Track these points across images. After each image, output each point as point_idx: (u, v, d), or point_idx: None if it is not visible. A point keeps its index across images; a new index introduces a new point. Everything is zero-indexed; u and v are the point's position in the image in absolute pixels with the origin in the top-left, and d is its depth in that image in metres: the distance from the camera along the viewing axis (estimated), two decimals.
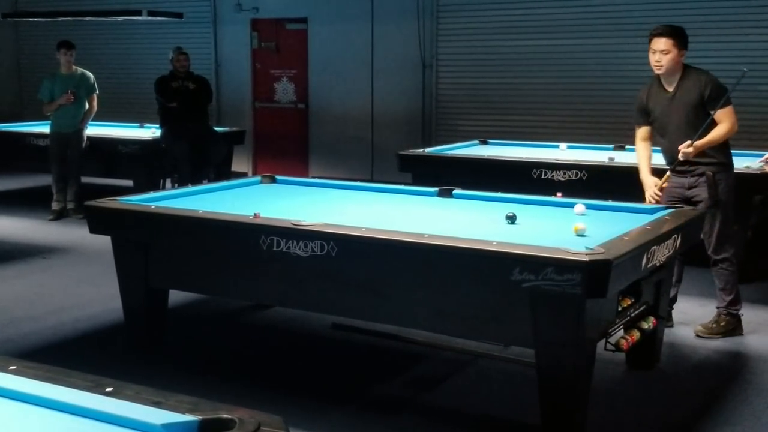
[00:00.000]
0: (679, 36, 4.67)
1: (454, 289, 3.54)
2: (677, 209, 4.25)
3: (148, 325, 4.48)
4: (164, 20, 10.60)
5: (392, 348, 4.51)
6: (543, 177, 6.29)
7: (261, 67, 11.06)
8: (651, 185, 4.79)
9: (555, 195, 4.75)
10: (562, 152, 7.17)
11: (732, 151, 4.99)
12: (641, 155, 4.95)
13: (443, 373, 4.26)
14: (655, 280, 3.98)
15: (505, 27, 9.49)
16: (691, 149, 4.57)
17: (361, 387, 4.11)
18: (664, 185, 4.76)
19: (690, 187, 4.72)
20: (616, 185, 5.86)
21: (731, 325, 4.80)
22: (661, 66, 4.66)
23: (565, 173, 6.23)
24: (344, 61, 10.43)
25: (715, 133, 4.61)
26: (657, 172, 4.91)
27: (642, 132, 4.97)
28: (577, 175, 6.19)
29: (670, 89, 4.73)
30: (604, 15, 8.96)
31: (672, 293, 4.75)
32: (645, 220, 4.02)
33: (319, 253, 3.71)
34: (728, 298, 4.80)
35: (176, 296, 4.84)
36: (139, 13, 9.74)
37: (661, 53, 4.63)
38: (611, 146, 7.40)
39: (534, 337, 3.38)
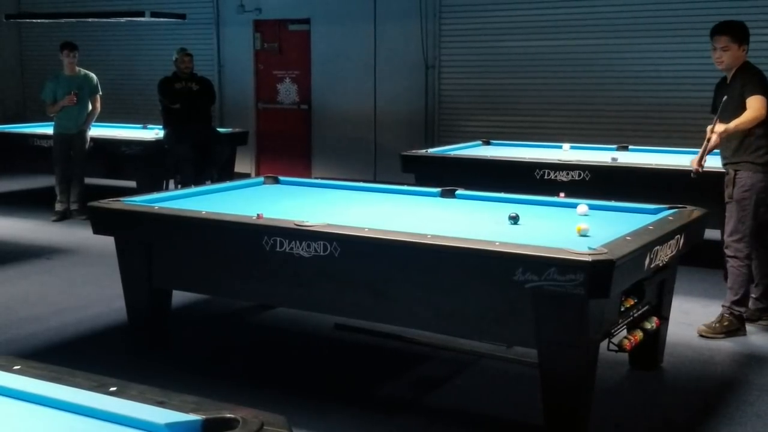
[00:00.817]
0: (737, 32, 4.76)
1: (457, 289, 3.54)
2: (680, 209, 4.24)
3: (152, 326, 4.49)
4: (167, 21, 10.61)
5: (395, 348, 4.51)
6: (546, 177, 6.29)
7: (264, 68, 11.07)
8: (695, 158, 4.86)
9: (558, 195, 4.75)
10: (565, 153, 7.16)
11: None
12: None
13: (446, 373, 4.26)
14: (658, 280, 3.98)
15: (508, 28, 9.49)
16: (715, 135, 4.63)
17: (364, 387, 4.11)
18: (700, 160, 4.78)
19: (726, 186, 4.84)
20: (619, 185, 5.87)
21: (734, 326, 4.80)
22: (722, 62, 4.78)
23: (568, 174, 6.23)
24: (347, 61, 10.44)
25: (740, 118, 4.64)
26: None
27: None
28: (580, 175, 6.18)
29: (728, 82, 4.86)
30: (608, 15, 8.96)
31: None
32: (648, 220, 4.02)
33: (322, 253, 3.71)
34: (733, 298, 4.80)
35: (179, 297, 4.85)
36: (142, 14, 9.75)
37: (721, 50, 4.75)
38: (614, 146, 7.40)
39: (537, 338, 3.38)
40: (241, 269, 4.12)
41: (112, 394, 1.91)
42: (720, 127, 4.64)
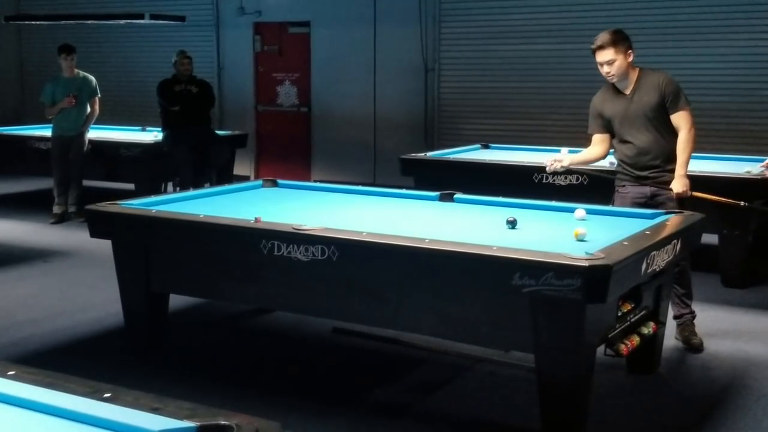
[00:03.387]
0: (618, 41, 4.61)
1: (454, 293, 3.54)
2: (677, 214, 4.24)
3: (149, 330, 4.48)
4: (167, 24, 10.61)
5: (393, 352, 4.51)
6: (544, 182, 6.28)
7: (263, 70, 11.08)
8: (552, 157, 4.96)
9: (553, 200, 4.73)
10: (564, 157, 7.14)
11: (733, 156, 4.98)
12: (585, 151, 5.03)
13: (444, 377, 4.25)
14: (655, 285, 3.98)
15: (508, 31, 9.50)
16: (687, 192, 4.54)
17: (362, 392, 4.11)
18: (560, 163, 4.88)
19: (654, 195, 4.65)
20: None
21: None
22: (613, 75, 4.61)
23: (566, 178, 6.23)
24: (347, 64, 10.44)
25: (686, 146, 4.54)
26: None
27: (594, 140, 4.91)
28: (578, 179, 6.18)
29: (627, 92, 4.68)
30: (607, 20, 8.93)
31: None
32: (645, 225, 4.02)
33: (320, 257, 3.71)
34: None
35: (176, 300, 4.85)
36: (141, 16, 9.75)
37: (607, 64, 4.59)
38: (612, 151, 7.38)
39: (534, 342, 3.38)
40: (239, 273, 4.12)
41: (106, 400, 1.91)
42: (681, 182, 4.52)
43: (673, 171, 4.59)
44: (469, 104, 9.85)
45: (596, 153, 4.95)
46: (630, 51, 4.62)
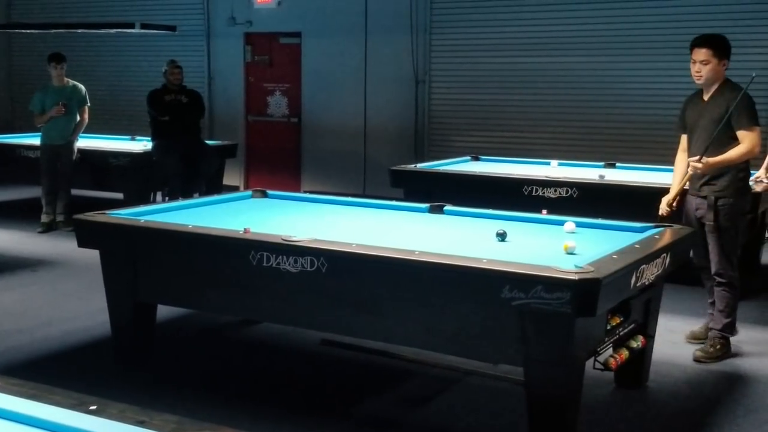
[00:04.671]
0: (719, 46, 4.60)
1: (444, 306, 3.53)
2: (666, 228, 4.25)
3: (136, 340, 4.45)
4: (157, 33, 10.61)
5: (382, 364, 4.49)
6: (534, 194, 6.30)
7: (254, 80, 11.08)
8: (664, 201, 4.81)
9: (541, 212, 4.74)
10: (553, 169, 7.18)
11: None
12: (675, 167, 4.94)
13: (432, 390, 4.24)
14: (645, 298, 3.98)
15: (498, 44, 9.53)
16: (700, 165, 4.50)
17: (350, 404, 4.09)
18: (673, 202, 4.77)
19: (697, 208, 4.71)
20: (606, 203, 5.88)
21: (726, 350, 4.77)
22: (701, 76, 4.61)
23: (555, 190, 6.25)
24: (337, 75, 10.45)
25: (731, 153, 4.51)
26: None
27: (681, 141, 4.91)
28: (567, 192, 6.20)
29: (705, 99, 4.69)
30: (597, 33, 9.01)
31: None
32: (635, 238, 4.02)
33: (309, 269, 3.70)
34: (725, 321, 4.74)
35: (164, 311, 4.82)
36: (131, 25, 9.75)
37: (701, 63, 4.59)
38: (602, 164, 7.42)
39: (523, 356, 3.37)
40: (228, 284, 4.10)
41: (91, 413, 1.89)
42: (712, 160, 4.48)
43: (710, 186, 4.62)
44: (459, 116, 9.88)
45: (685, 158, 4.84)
46: (726, 61, 4.60)
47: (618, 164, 7.41)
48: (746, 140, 4.53)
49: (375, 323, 3.75)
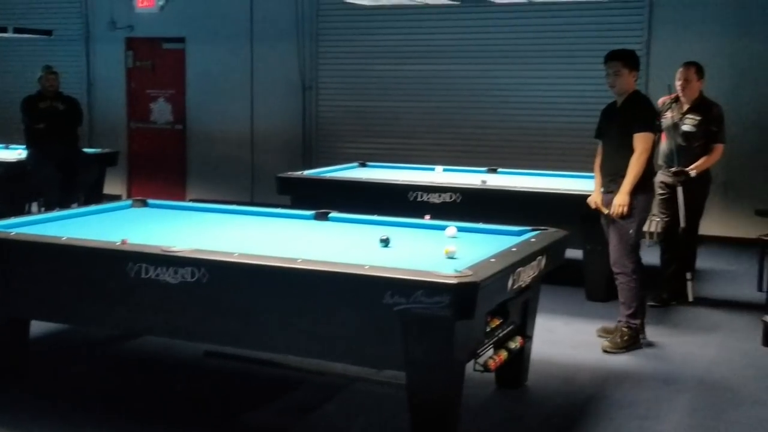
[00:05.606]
0: (628, 59, 5.05)
1: (328, 313, 3.54)
2: (542, 231, 4.40)
3: (8, 358, 4.27)
4: (32, 38, 10.21)
5: (267, 374, 4.46)
6: (419, 199, 6.38)
7: (136, 86, 10.82)
8: (590, 200, 5.29)
9: (424, 218, 4.82)
10: (438, 175, 7.30)
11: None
12: (595, 169, 5.33)
13: (318, 398, 4.24)
14: (522, 300, 4.10)
15: (384, 51, 9.65)
16: (620, 207, 4.94)
17: (236, 415, 4.04)
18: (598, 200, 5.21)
19: (608, 205, 5.06)
20: (488, 207, 6.02)
21: (632, 339, 5.04)
22: (614, 86, 5.06)
23: (440, 195, 6.35)
24: (223, 81, 10.34)
25: (633, 171, 4.94)
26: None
27: (599, 147, 5.31)
28: (451, 197, 6.31)
29: (618, 106, 5.14)
30: (477, 41, 9.24)
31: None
32: (512, 242, 4.14)
33: (189, 279, 3.64)
34: (627, 312, 5.05)
35: (38, 327, 4.65)
36: (4, 29, 9.33)
37: (613, 74, 5.02)
38: (485, 169, 7.60)
39: (405, 360, 3.41)
40: (106, 297, 3.98)
41: None
42: (620, 197, 4.93)
43: (617, 186, 5.02)
44: (347, 122, 9.93)
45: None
46: (635, 72, 5.07)
47: (500, 169, 7.61)
48: (639, 145, 4.95)
49: (259, 333, 3.72)
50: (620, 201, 4.94)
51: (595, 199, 5.23)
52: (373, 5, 8.11)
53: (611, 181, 5.11)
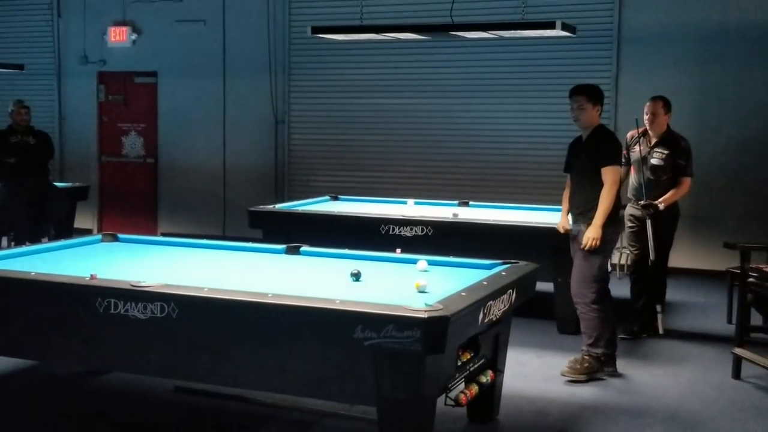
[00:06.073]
0: (592, 93, 5.15)
1: (298, 348, 3.53)
2: (512, 264, 4.42)
3: None
4: (4, 72, 10.17)
5: (238, 410, 4.42)
6: (391, 233, 6.39)
7: (108, 120, 10.80)
8: (559, 225, 5.46)
9: (395, 251, 4.84)
10: (410, 208, 7.33)
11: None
12: (563, 200, 5.46)
13: None
14: (493, 334, 4.11)
15: (356, 85, 9.72)
16: (590, 240, 5.00)
17: None
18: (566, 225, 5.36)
19: (577, 239, 5.15)
20: (459, 241, 6.06)
21: (594, 367, 5.06)
22: (578, 120, 5.14)
23: (411, 229, 6.37)
24: (195, 115, 10.35)
25: (603, 207, 5.01)
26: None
27: (568, 179, 5.40)
28: (423, 230, 6.33)
29: (583, 140, 5.22)
30: (448, 76, 9.34)
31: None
32: (483, 275, 4.16)
33: (159, 314, 3.61)
34: (588, 341, 5.10)
35: (5, 363, 4.58)
36: None
37: (577, 109, 5.11)
38: (456, 202, 7.64)
39: (376, 395, 3.40)
40: (74, 333, 3.94)
41: None
42: (592, 231, 4.99)
43: (585, 219, 5.12)
44: (319, 156, 9.96)
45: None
46: (599, 106, 5.16)
47: (472, 203, 7.66)
48: (608, 178, 5.05)
49: (230, 368, 3.69)
50: (593, 234, 5.00)
51: (563, 224, 5.36)
52: (344, 40, 8.19)
53: (580, 214, 5.19)
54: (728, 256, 6.37)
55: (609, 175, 5.04)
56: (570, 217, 5.39)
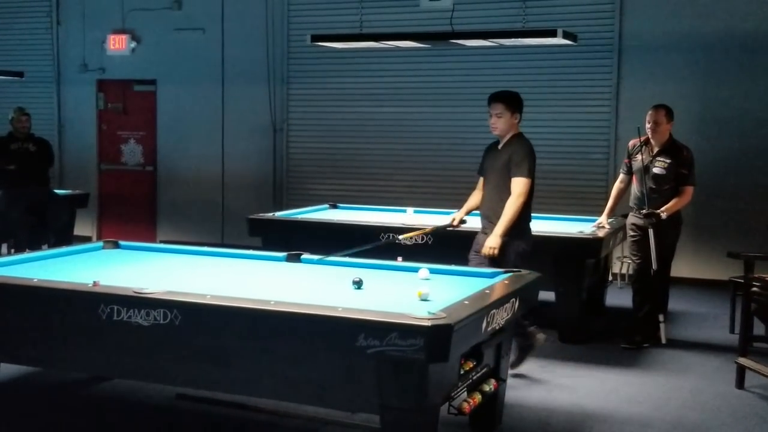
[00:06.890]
0: (511, 101, 5.11)
1: (300, 356, 3.52)
2: (515, 273, 4.42)
3: None
4: (4, 79, 10.18)
5: (240, 417, 4.41)
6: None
7: (107, 128, 10.80)
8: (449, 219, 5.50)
9: (396, 260, 4.83)
10: (409, 216, 7.33)
11: (566, 217, 5.26)
12: (468, 201, 5.47)
13: None
14: (496, 342, 4.10)
15: (354, 93, 9.73)
16: (489, 249, 4.99)
17: None
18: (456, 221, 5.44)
19: (480, 245, 5.13)
20: (459, 249, 6.03)
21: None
22: (497, 127, 5.11)
23: (412, 237, 6.34)
24: (194, 123, 10.35)
25: (508, 215, 4.99)
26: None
27: (479, 182, 5.40)
28: (423, 239, 6.31)
29: (499, 148, 5.18)
30: (448, 84, 9.35)
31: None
32: (486, 284, 4.16)
33: (162, 321, 3.60)
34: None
35: (8, 369, 4.57)
36: None
37: (496, 116, 5.08)
38: (455, 210, 7.61)
39: (379, 403, 3.39)
40: (76, 340, 3.93)
41: None
42: (492, 239, 4.99)
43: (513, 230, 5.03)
44: (317, 164, 9.96)
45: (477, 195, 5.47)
46: (518, 114, 5.10)
47: (472, 211, 7.62)
48: (515, 187, 5.03)
49: (232, 376, 3.68)
50: (492, 243, 4.97)
51: (455, 216, 5.41)
52: (343, 48, 8.20)
53: (489, 222, 5.17)
54: (731, 265, 6.39)
55: (517, 186, 5.01)
56: (465, 215, 5.42)
